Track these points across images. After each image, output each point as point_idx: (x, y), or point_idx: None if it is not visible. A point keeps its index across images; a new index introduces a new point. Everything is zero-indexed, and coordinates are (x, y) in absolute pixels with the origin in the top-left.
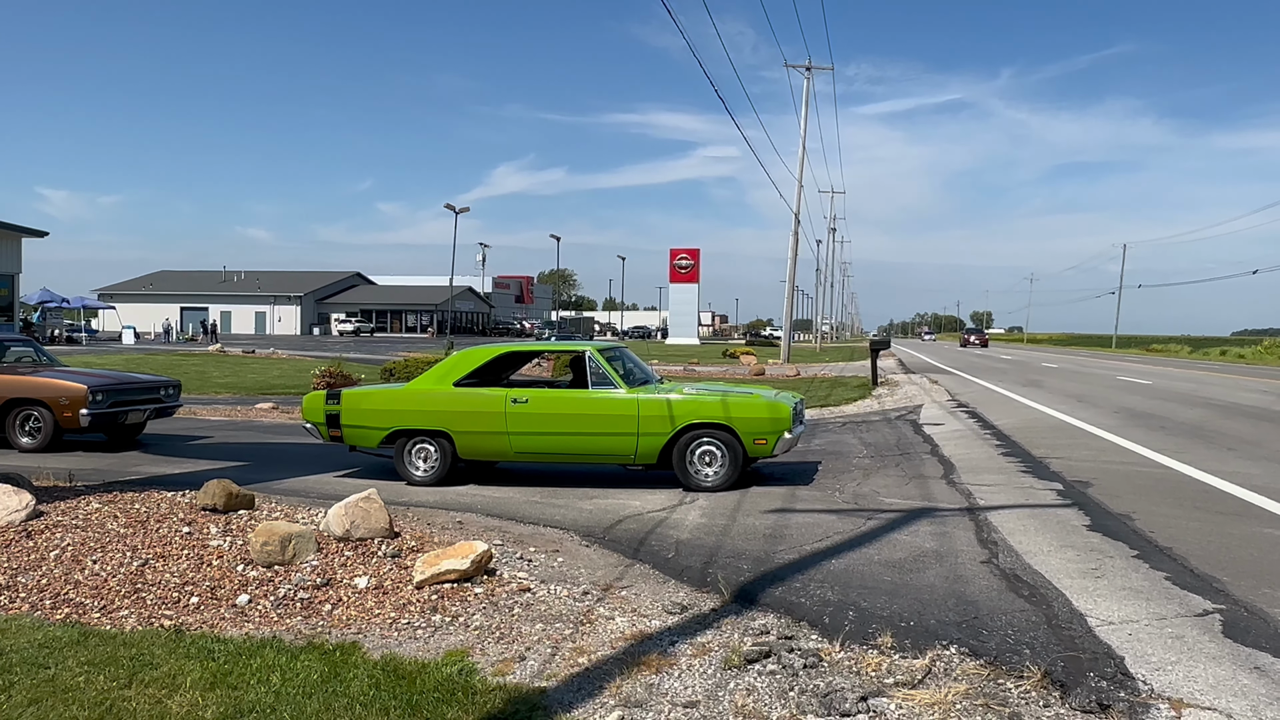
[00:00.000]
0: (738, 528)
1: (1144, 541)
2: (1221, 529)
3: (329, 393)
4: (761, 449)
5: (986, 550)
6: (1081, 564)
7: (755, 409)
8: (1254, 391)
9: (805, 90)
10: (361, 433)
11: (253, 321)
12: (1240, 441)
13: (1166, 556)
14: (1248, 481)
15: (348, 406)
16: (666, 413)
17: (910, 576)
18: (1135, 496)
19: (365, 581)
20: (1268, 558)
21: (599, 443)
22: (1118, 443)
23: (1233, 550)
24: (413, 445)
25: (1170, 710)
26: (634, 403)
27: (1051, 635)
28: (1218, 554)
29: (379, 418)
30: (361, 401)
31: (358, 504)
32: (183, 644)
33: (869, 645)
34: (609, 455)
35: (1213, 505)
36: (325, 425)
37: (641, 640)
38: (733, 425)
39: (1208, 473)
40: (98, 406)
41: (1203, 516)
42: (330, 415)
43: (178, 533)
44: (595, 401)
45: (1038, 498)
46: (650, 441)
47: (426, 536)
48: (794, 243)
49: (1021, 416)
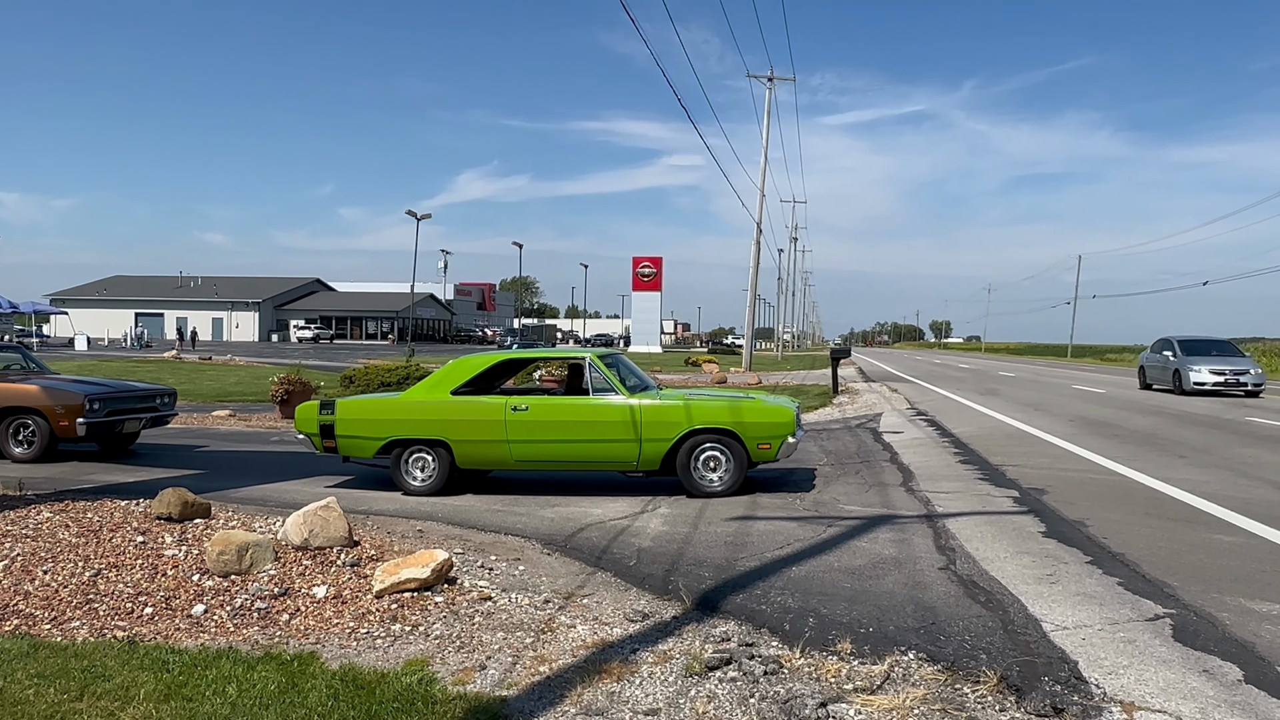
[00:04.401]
0: (700, 535)
1: (1097, 548)
2: (1172, 535)
3: (322, 402)
4: (765, 453)
5: (944, 557)
6: (1037, 570)
7: (759, 414)
8: (1204, 400)
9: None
10: (357, 443)
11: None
12: (1190, 449)
13: (1119, 562)
14: (1198, 488)
15: (343, 416)
16: (670, 419)
17: (870, 583)
18: (1089, 503)
19: (324, 591)
20: (1216, 563)
21: (601, 449)
22: (1072, 450)
23: (1183, 556)
24: (410, 455)
25: (1122, 713)
26: (636, 409)
27: (1007, 640)
28: (1169, 560)
29: (375, 427)
30: (357, 411)
31: (316, 512)
32: (136, 655)
33: (829, 652)
34: (611, 462)
35: (1164, 512)
36: (319, 436)
37: (603, 648)
38: (737, 430)
39: (1159, 480)
40: (94, 415)
41: (1154, 523)
42: (324, 425)
43: (131, 542)
44: (597, 408)
45: (995, 505)
46: (653, 448)
47: (386, 545)
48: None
49: (979, 424)
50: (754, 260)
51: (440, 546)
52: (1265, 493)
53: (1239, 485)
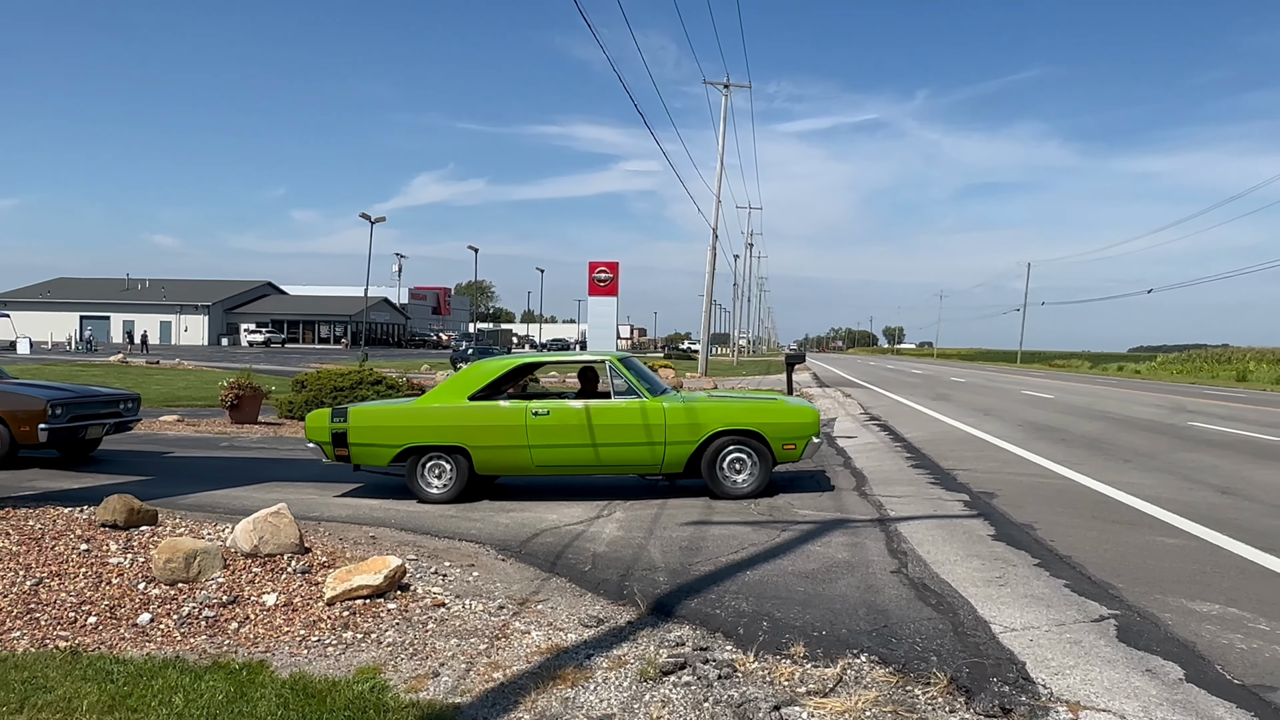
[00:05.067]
0: (655, 540)
1: (1045, 550)
2: (1117, 538)
3: (334, 410)
4: (790, 454)
5: (896, 560)
6: (986, 573)
7: (784, 414)
8: (1148, 405)
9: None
10: (371, 451)
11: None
12: (1135, 453)
13: (1066, 565)
14: (1142, 492)
15: (356, 424)
16: (694, 421)
17: (823, 587)
18: (1037, 507)
19: (274, 598)
20: (1159, 564)
21: (625, 453)
22: (1022, 455)
23: (1127, 557)
24: (426, 462)
25: (1068, 713)
26: (660, 411)
27: (957, 642)
28: (1113, 561)
29: (391, 435)
30: (371, 419)
31: (266, 519)
32: (79, 666)
33: (782, 655)
34: (634, 466)
35: (1109, 515)
36: (330, 444)
37: (557, 654)
38: (762, 431)
39: (1105, 483)
40: (56, 421)
41: (1100, 526)
42: (336, 434)
43: (75, 550)
44: (621, 411)
45: (946, 508)
46: (677, 450)
47: (338, 552)
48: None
49: (931, 429)
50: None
51: (393, 553)
52: (1206, 496)
53: (1181, 488)
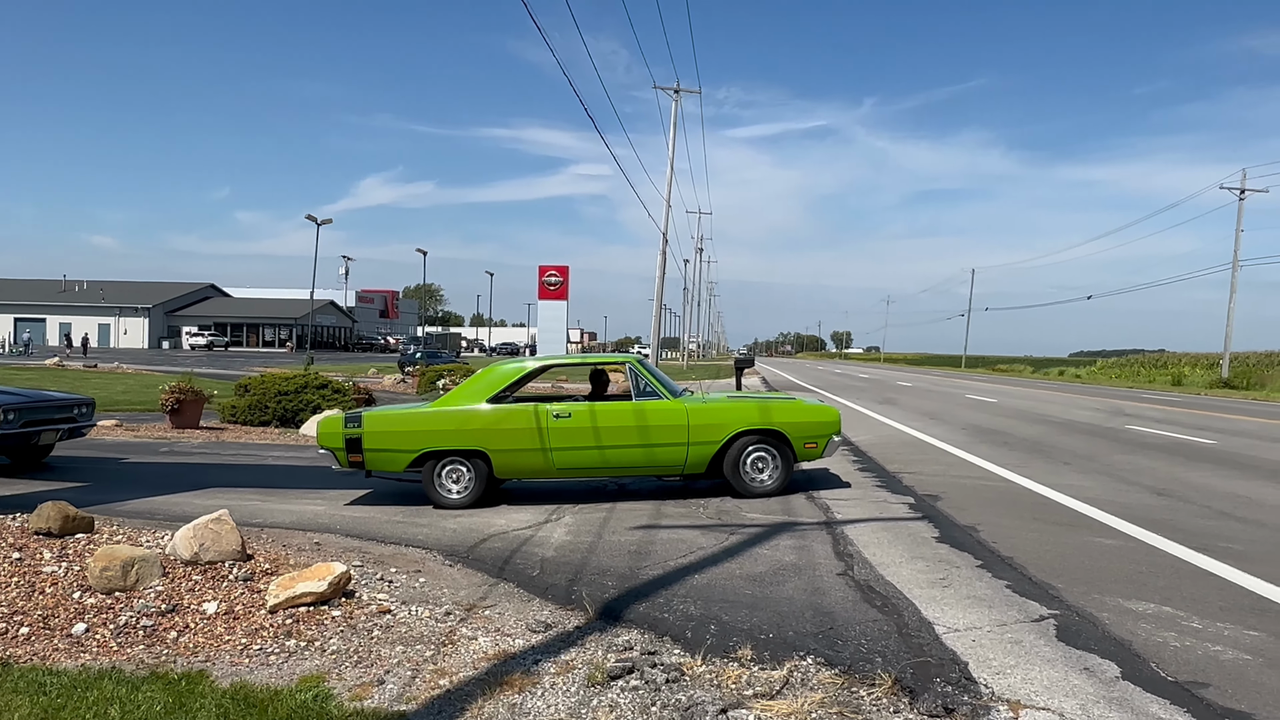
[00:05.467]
0: (604, 544)
1: (988, 552)
2: (1057, 538)
3: (348, 415)
4: (811, 452)
5: (843, 563)
6: (930, 574)
7: (806, 414)
8: (1087, 409)
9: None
10: (387, 456)
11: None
12: (1075, 456)
13: (1008, 566)
14: (1081, 494)
15: (371, 429)
16: (718, 421)
17: (770, 589)
18: (981, 509)
19: (215, 607)
20: (1096, 564)
21: (648, 454)
22: (965, 458)
23: (1066, 558)
24: (444, 467)
25: (1009, 711)
26: (684, 411)
27: (902, 643)
28: (1053, 562)
29: (408, 439)
30: (387, 423)
31: (207, 525)
32: (10, 678)
33: (730, 658)
34: (657, 467)
35: (1050, 516)
36: (344, 450)
37: (505, 660)
38: (785, 431)
39: (1046, 485)
40: (9, 427)
41: (1041, 527)
42: (350, 439)
43: (6, 559)
44: (645, 412)
45: (891, 511)
46: (701, 451)
47: (282, 559)
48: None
49: (877, 433)
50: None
51: (338, 559)
52: (1142, 497)
53: (1118, 490)
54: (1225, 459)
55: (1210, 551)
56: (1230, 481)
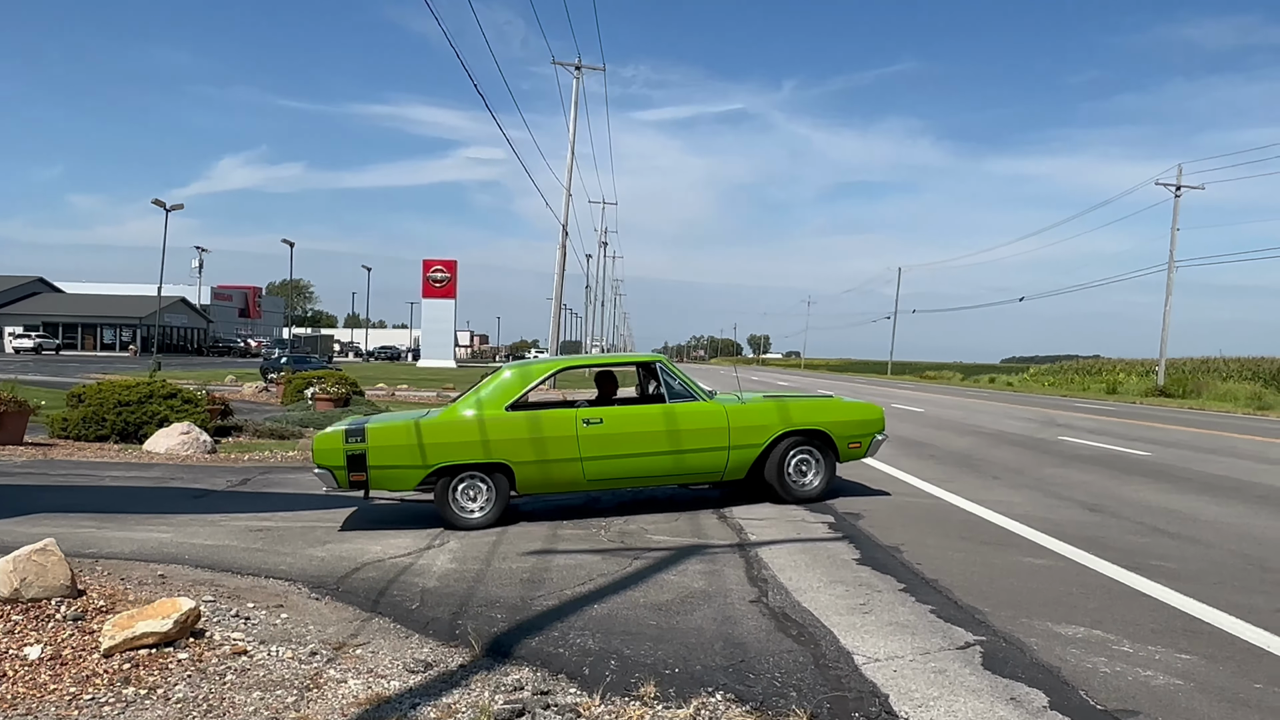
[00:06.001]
0: (493, 572)
1: (911, 574)
2: (985, 559)
3: (349, 429)
4: (855, 452)
5: (756, 589)
6: (850, 600)
7: (850, 412)
8: (1019, 419)
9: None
10: (396, 474)
11: None
12: (1005, 469)
13: (932, 589)
14: (1010, 510)
15: (377, 444)
16: (760, 422)
17: (677, 619)
18: (905, 528)
19: (38, 651)
20: (1026, 586)
21: (687, 460)
22: (890, 472)
23: (995, 580)
24: (459, 483)
25: None
26: (723, 413)
27: (819, 675)
28: (980, 584)
29: (419, 454)
30: (394, 436)
31: (30, 557)
32: None
33: (631, 696)
34: (696, 474)
35: (977, 535)
36: (345, 469)
37: (378, 704)
38: (829, 430)
39: (974, 502)
40: None
41: (968, 547)
42: (353, 456)
43: None
44: (682, 415)
45: (809, 531)
46: (742, 455)
47: (119, 594)
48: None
49: None
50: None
51: (187, 593)
52: (1074, 513)
53: (1049, 506)
54: (1159, 472)
55: (1142, 570)
56: (1164, 496)
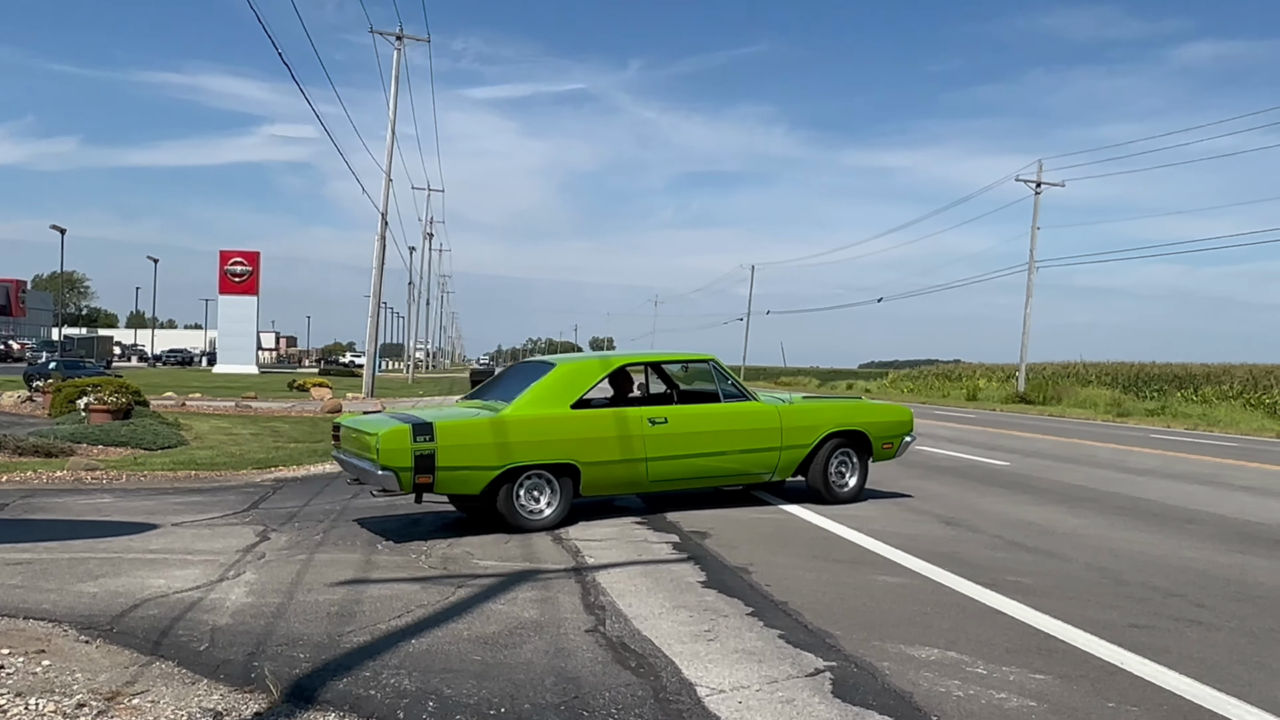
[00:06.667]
0: (296, 606)
1: (760, 597)
2: (837, 578)
3: (416, 426)
4: (888, 453)
5: (593, 616)
6: (694, 626)
7: (885, 413)
8: None
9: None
10: (464, 475)
11: None
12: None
13: (782, 612)
14: (865, 525)
15: (448, 443)
16: (809, 422)
17: (505, 653)
18: (754, 546)
19: None
20: (879, 607)
21: (743, 461)
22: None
23: (847, 601)
24: (523, 484)
25: None
26: (776, 413)
27: (658, 710)
28: (832, 606)
29: (489, 454)
30: (464, 435)
31: None
32: None
33: None
34: (750, 474)
35: (830, 553)
36: (411, 470)
37: None
38: (867, 431)
39: (827, 517)
40: None
41: (820, 566)
42: (421, 456)
43: None
44: (740, 415)
45: (652, 552)
46: (791, 455)
47: None
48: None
49: None
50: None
51: None
52: (930, 528)
53: (905, 520)
54: (1018, 483)
55: (998, 587)
56: (1022, 508)
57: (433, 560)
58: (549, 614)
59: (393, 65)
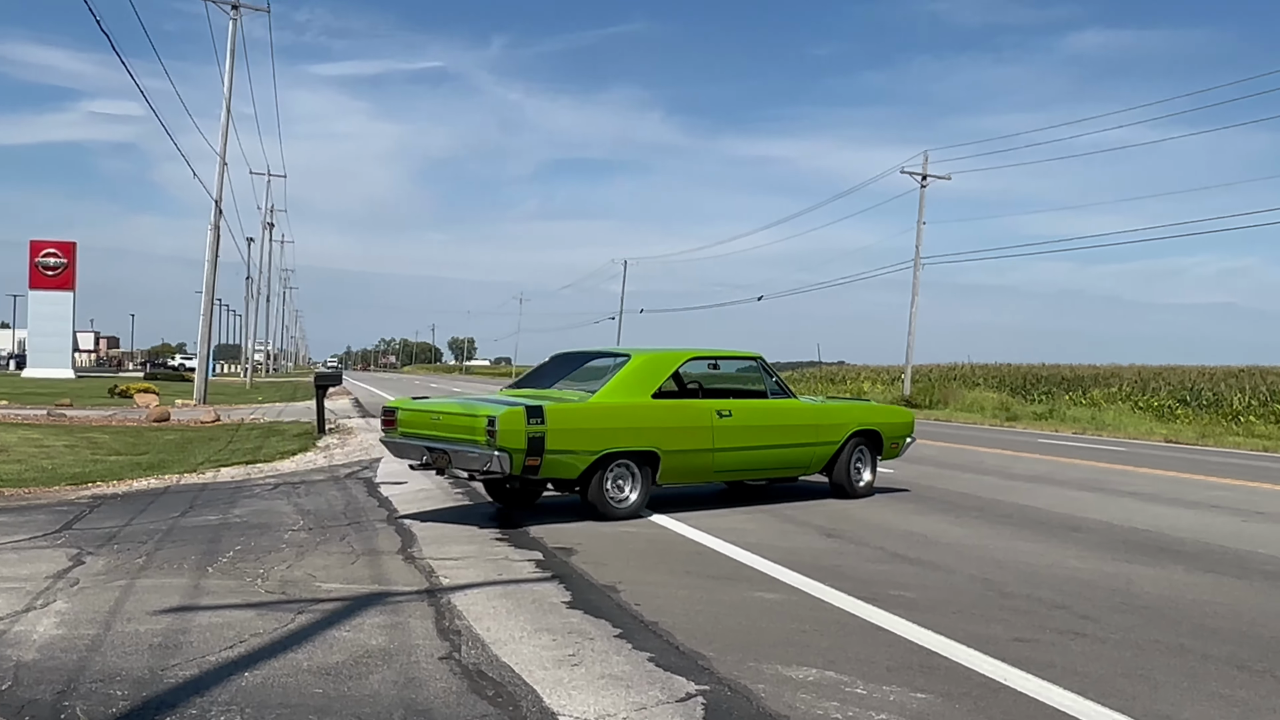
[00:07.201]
0: (114, 638)
1: (629, 617)
2: (712, 596)
3: (528, 409)
4: (894, 452)
5: (448, 642)
6: (558, 650)
7: (894, 414)
8: None
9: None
10: (568, 460)
11: None
12: (736, 493)
13: (652, 633)
14: (742, 539)
15: (556, 426)
16: (839, 420)
17: (349, 685)
18: (623, 563)
19: None
20: (755, 625)
21: (789, 455)
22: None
23: (721, 620)
24: (613, 471)
25: None
26: (812, 411)
27: None
28: (706, 626)
29: (589, 439)
30: (571, 419)
31: None
32: None
33: None
34: (790, 468)
35: (705, 568)
36: (524, 453)
37: None
38: (880, 430)
39: (702, 530)
40: None
41: (693, 583)
42: (534, 439)
43: None
44: (791, 412)
45: (514, 571)
46: (823, 451)
47: None
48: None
49: None
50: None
51: None
52: (810, 540)
53: (784, 533)
54: (901, 491)
55: (879, 601)
56: (906, 517)
57: (270, 584)
58: (399, 640)
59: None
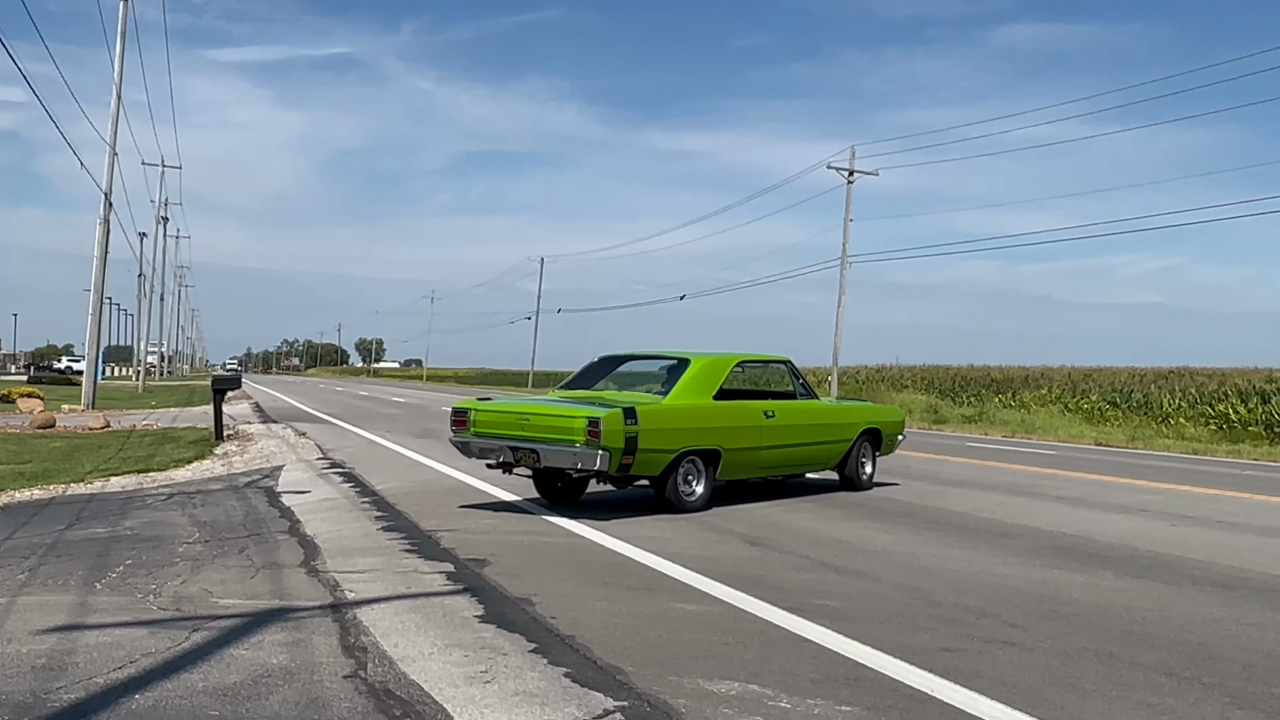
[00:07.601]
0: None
1: (544, 631)
2: (631, 608)
3: (625, 410)
4: (890, 448)
5: (353, 660)
6: (469, 667)
7: (889, 414)
8: None
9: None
10: (655, 458)
11: None
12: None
13: (568, 647)
14: (663, 548)
15: (648, 427)
16: (853, 419)
17: (247, 706)
18: (539, 574)
19: None
20: (676, 638)
21: (815, 452)
22: (527, 509)
23: (641, 633)
24: (683, 468)
25: None
26: (830, 410)
27: None
28: (625, 639)
29: (673, 438)
30: (659, 419)
31: None
32: None
33: None
34: (814, 464)
35: (624, 579)
36: (622, 451)
37: None
38: (881, 428)
39: (621, 539)
40: None
41: (612, 594)
42: (630, 438)
43: None
44: (818, 411)
45: (423, 584)
46: (840, 448)
47: None
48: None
49: (411, 477)
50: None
51: None
52: (733, 548)
53: (707, 541)
54: (827, 497)
55: (804, 611)
56: (832, 524)
57: (163, 600)
58: (301, 658)
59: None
